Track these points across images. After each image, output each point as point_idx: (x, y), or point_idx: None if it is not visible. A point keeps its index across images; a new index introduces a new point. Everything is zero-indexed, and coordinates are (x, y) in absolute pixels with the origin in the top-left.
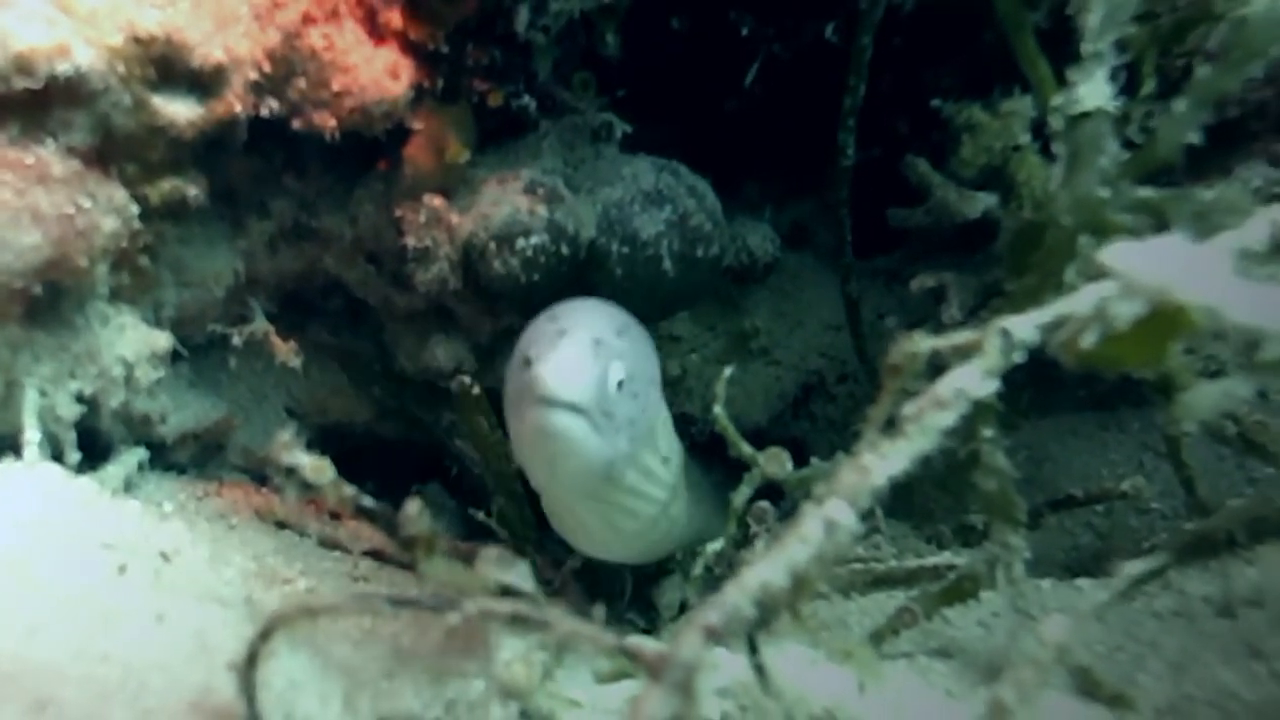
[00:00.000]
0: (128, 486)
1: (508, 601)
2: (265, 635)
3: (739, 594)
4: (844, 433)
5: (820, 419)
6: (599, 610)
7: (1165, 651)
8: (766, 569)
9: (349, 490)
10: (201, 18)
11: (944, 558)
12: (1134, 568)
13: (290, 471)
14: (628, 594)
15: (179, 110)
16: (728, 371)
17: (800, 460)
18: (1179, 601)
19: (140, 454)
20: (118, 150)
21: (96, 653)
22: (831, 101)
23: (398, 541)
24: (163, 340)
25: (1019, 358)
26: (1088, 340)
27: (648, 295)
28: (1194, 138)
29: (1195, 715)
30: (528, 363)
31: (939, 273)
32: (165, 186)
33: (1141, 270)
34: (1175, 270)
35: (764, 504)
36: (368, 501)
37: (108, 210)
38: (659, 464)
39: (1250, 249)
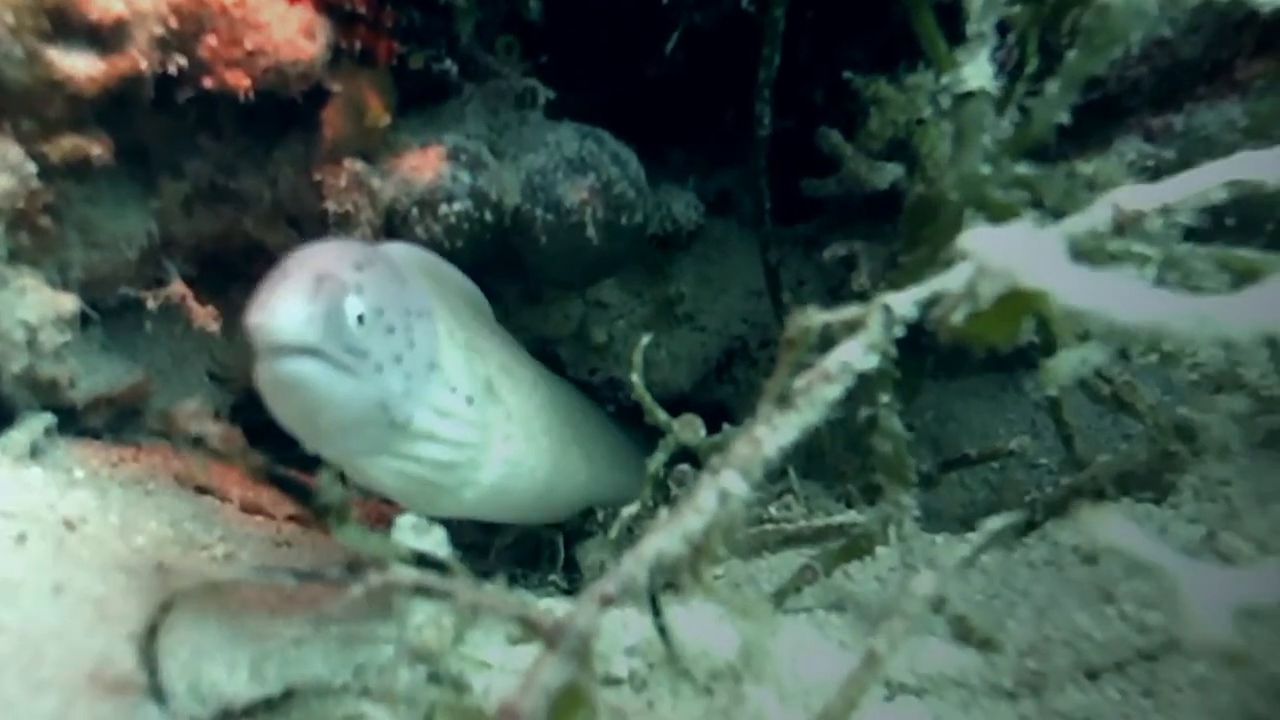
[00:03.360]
0: (34, 453)
1: (411, 572)
2: (166, 608)
3: (635, 563)
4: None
5: (743, 383)
6: (500, 578)
7: (1034, 597)
8: (662, 538)
9: (260, 459)
10: None
11: (850, 516)
12: (993, 523)
13: (198, 441)
14: (560, 558)
15: (77, 64)
16: (644, 340)
17: (724, 423)
18: (1051, 551)
19: (46, 419)
20: (11, 105)
21: None
22: (752, 71)
23: (311, 510)
24: (69, 303)
25: (900, 332)
26: (958, 317)
27: (572, 262)
28: (1064, 118)
29: (1052, 654)
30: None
31: (850, 242)
32: (66, 144)
33: (993, 255)
34: (1020, 255)
35: (685, 467)
36: (280, 470)
37: (1, 168)
38: (459, 402)
39: (1096, 229)
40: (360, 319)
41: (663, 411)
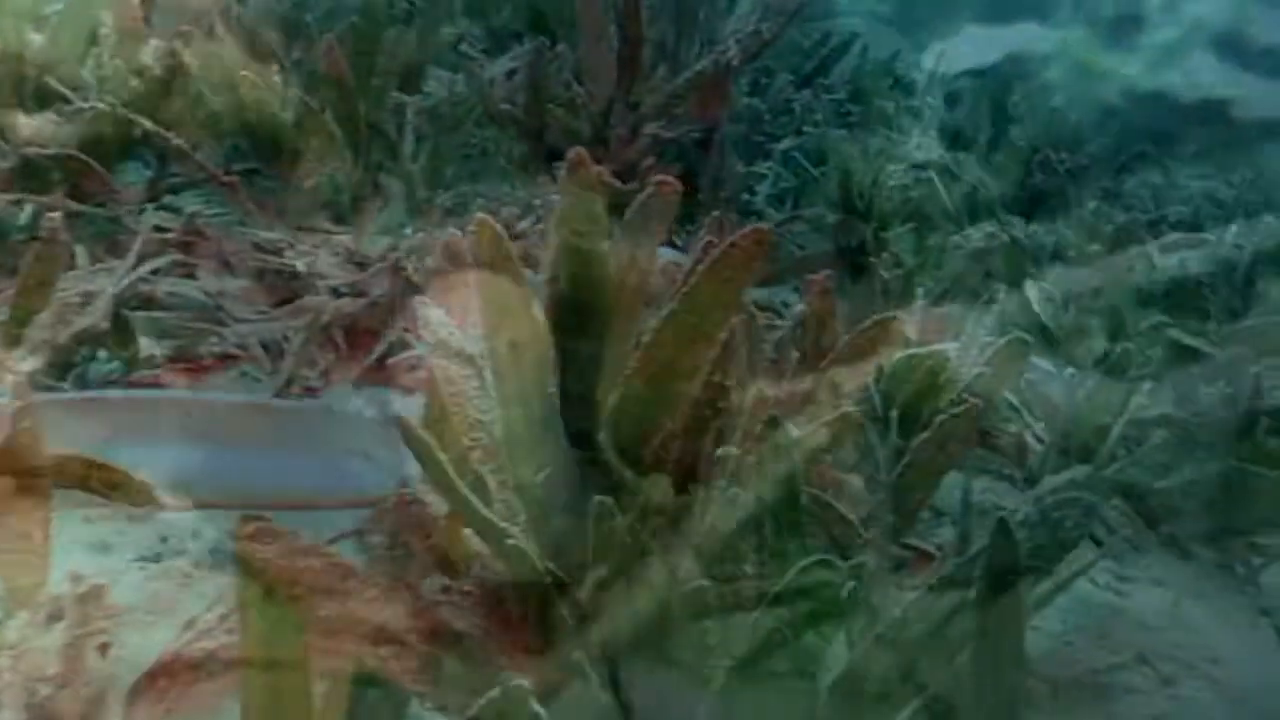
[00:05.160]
0: None
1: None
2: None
3: (593, 636)
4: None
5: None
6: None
7: None
8: (619, 610)
9: None
10: None
11: (821, 575)
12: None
13: None
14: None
15: None
16: (612, 399)
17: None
18: None
19: None
20: None
21: None
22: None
23: None
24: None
25: (851, 406)
26: (897, 390)
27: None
28: (1013, 187)
29: None
30: None
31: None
32: None
33: (922, 332)
34: (950, 333)
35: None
36: None
37: None
38: None
39: (1031, 305)
40: None
41: (630, 471)
